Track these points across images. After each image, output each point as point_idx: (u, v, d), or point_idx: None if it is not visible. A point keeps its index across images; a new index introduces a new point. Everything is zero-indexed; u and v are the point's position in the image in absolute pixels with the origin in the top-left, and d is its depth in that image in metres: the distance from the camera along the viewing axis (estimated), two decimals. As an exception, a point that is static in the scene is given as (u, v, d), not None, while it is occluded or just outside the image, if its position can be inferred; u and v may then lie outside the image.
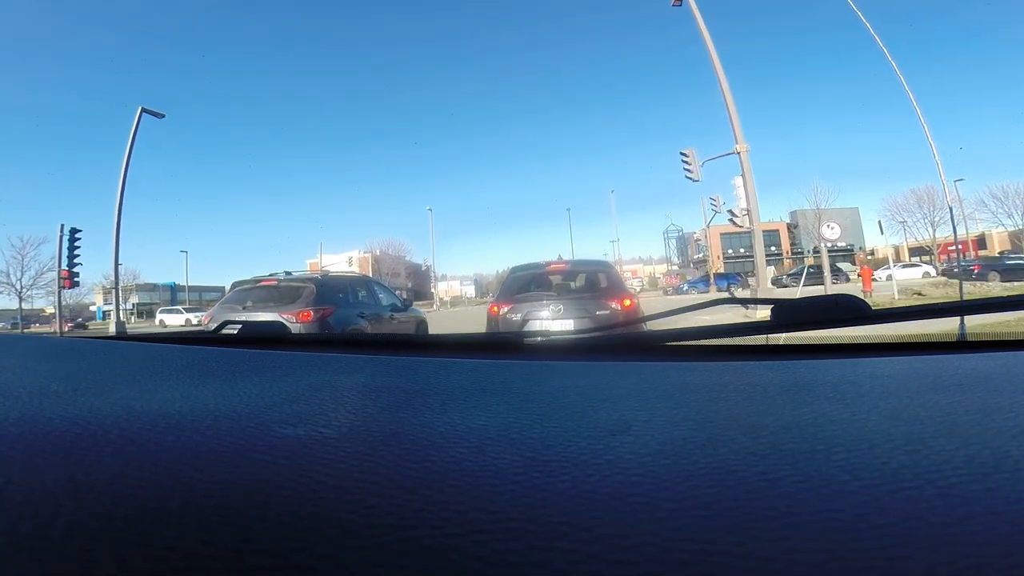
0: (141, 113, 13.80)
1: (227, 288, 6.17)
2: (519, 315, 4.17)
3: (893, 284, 13.26)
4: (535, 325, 4.09)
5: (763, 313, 0.73)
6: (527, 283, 4.61)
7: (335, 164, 76.49)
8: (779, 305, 0.64)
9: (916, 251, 38.01)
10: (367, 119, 78.20)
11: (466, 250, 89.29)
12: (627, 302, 4.26)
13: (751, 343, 0.69)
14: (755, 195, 10.86)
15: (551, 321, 4.09)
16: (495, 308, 4.42)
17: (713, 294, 23.57)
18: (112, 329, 14.00)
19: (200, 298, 42.54)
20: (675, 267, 49.44)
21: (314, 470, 0.26)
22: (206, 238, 73.15)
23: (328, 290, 5.33)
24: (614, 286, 4.59)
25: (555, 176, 78.22)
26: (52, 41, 64.32)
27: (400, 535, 0.20)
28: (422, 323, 6.90)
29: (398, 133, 77.77)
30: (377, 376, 0.49)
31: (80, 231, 13.12)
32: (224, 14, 76.52)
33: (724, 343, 0.69)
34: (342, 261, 43.38)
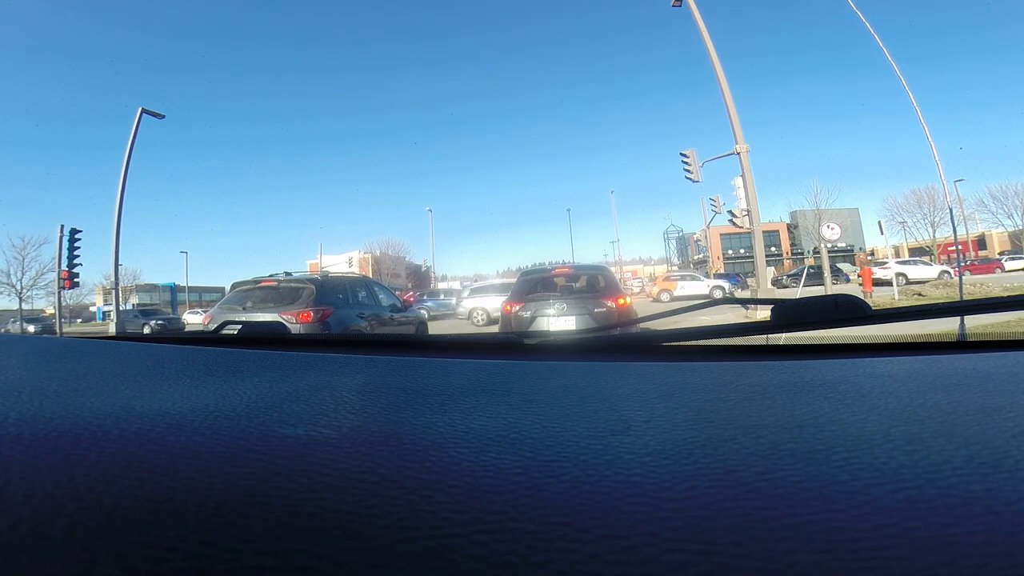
0: (141, 114, 13.79)
1: (227, 289, 6.17)
2: (529, 312, 4.83)
3: (893, 284, 13.25)
4: (543, 321, 4.73)
5: (763, 313, 0.73)
6: (536, 284, 5.29)
7: (335, 164, 76.53)
8: (779, 305, 0.64)
9: (916, 251, 38.00)
10: (367, 119, 78.30)
11: (466, 250, 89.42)
12: (622, 301, 4.92)
13: (751, 343, 0.69)
14: (755, 196, 10.85)
15: (556, 318, 4.75)
16: (508, 307, 5.07)
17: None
18: (112, 329, 13.99)
19: (200, 299, 42.47)
20: (675, 268, 49.46)
21: (314, 470, 0.26)
22: (206, 238, 72.98)
23: (328, 291, 5.33)
24: (611, 287, 5.27)
25: (555, 176, 78.43)
26: (52, 41, 64.38)
27: (400, 535, 0.20)
28: (422, 324, 6.90)
29: (398, 133, 77.90)
30: (377, 376, 0.49)
31: (80, 231, 13.11)
32: (224, 14, 76.60)
33: (724, 343, 0.69)
34: (342, 261, 43.28)
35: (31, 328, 22.17)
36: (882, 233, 15.28)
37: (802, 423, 0.31)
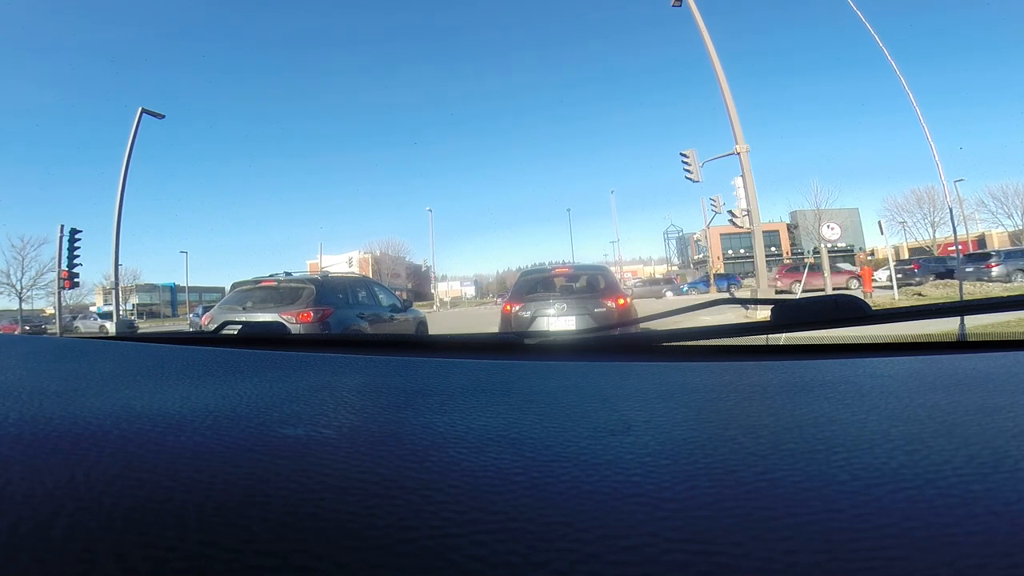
0: (141, 114, 13.79)
1: (227, 289, 6.17)
2: (529, 313, 4.83)
3: (893, 284, 13.25)
4: (543, 322, 4.72)
5: (763, 313, 0.73)
6: (535, 285, 5.29)
7: (335, 164, 76.51)
8: (779, 305, 0.64)
9: (916, 251, 38.01)
10: (367, 118, 78.27)
11: (466, 250, 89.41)
12: (621, 301, 4.91)
13: (751, 343, 0.69)
14: (755, 196, 10.85)
15: (556, 318, 4.74)
16: (508, 307, 5.07)
17: (713, 295, 23.56)
18: (112, 329, 13.99)
19: (200, 299, 42.46)
20: (675, 268, 49.48)
21: (314, 470, 0.26)
22: (206, 238, 73.02)
23: (328, 291, 5.34)
24: (611, 287, 5.26)
25: (555, 176, 78.42)
26: (51, 40, 64.36)
27: (400, 535, 0.20)
28: (422, 323, 6.90)
29: (398, 133, 77.87)
30: (377, 376, 0.49)
31: (80, 231, 13.12)
32: (224, 13, 76.58)
33: (724, 343, 0.69)
34: (342, 261, 43.29)
35: (109, 325, 21.69)
36: (882, 233, 15.24)
37: (802, 423, 0.31)
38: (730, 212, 11.72)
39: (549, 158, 79.95)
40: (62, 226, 13.19)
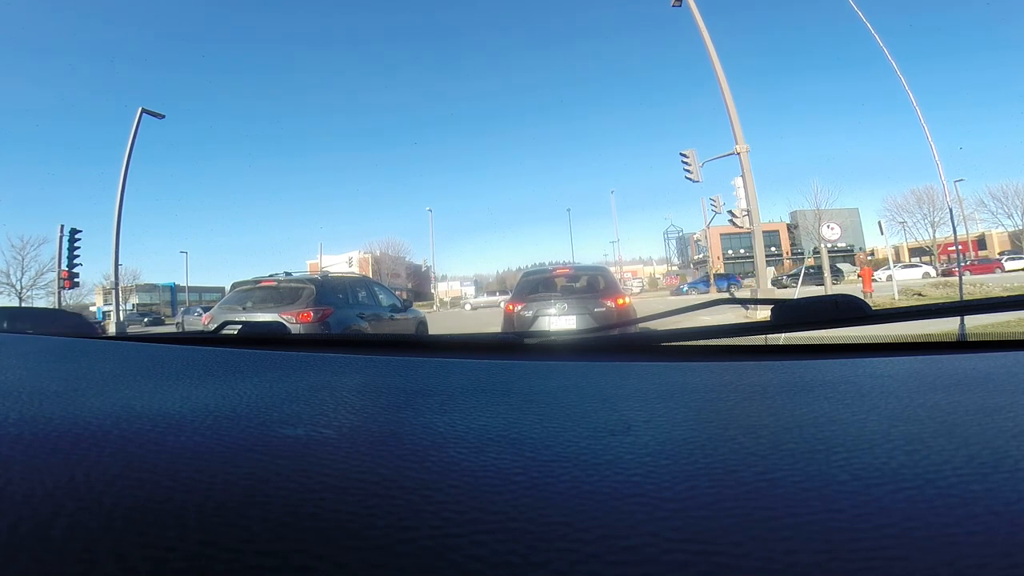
0: (141, 114, 13.80)
1: (227, 289, 6.18)
2: (531, 312, 4.90)
3: (893, 284, 13.26)
4: (544, 321, 4.79)
5: (763, 313, 0.73)
6: (537, 285, 5.38)
7: (335, 164, 76.46)
8: (779, 305, 0.64)
9: (916, 251, 38.03)
10: (367, 118, 78.21)
11: (466, 250, 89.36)
12: (621, 301, 4.99)
13: (751, 343, 0.69)
14: (755, 196, 10.86)
15: (557, 317, 4.81)
16: (510, 307, 5.15)
17: (713, 295, 23.57)
18: (112, 329, 13.99)
19: (200, 299, 42.44)
20: (675, 268, 49.51)
21: (314, 470, 0.26)
22: (206, 238, 73.06)
23: (328, 291, 5.34)
24: (611, 287, 5.35)
25: (555, 176, 78.33)
26: (51, 40, 64.35)
27: (400, 535, 0.20)
28: (422, 323, 6.91)
29: (398, 133, 77.84)
30: (377, 376, 0.49)
31: (80, 231, 13.15)
32: (224, 13, 76.59)
33: (724, 343, 0.69)
34: (342, 261, 43.32)
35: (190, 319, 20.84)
36: (882, 233, 15.28)
37: (802, 423, 0.31)
38: (730, 212, 11.73)
39: (549, 158, 79.93)
40: (62, 226, 13.25)
